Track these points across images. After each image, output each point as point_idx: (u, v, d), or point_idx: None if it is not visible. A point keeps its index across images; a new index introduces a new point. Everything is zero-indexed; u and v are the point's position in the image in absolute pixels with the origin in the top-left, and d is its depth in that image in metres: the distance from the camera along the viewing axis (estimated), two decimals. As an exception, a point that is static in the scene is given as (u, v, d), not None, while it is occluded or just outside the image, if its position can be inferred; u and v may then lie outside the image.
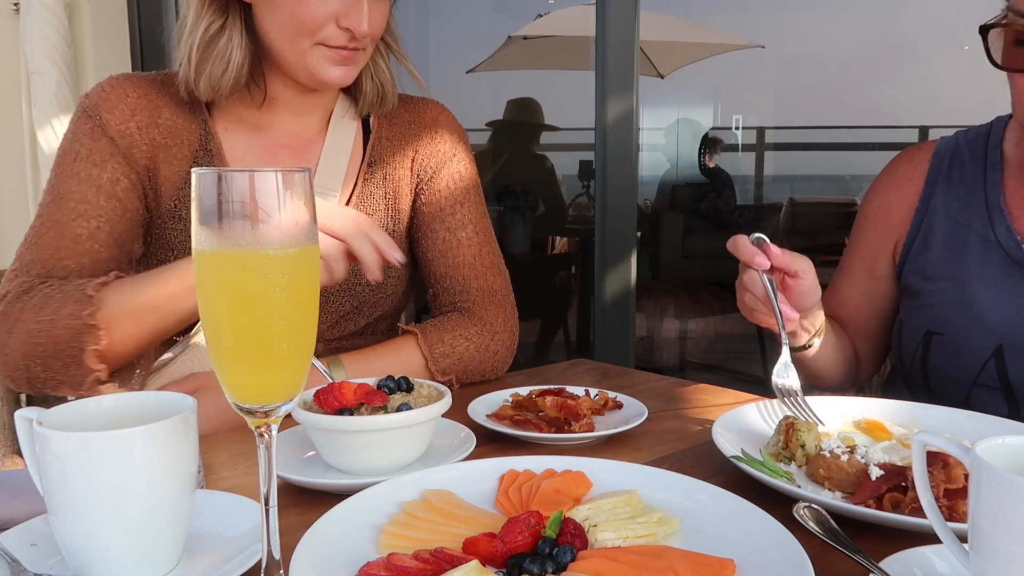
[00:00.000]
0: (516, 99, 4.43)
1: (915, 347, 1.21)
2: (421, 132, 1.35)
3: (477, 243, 1.33)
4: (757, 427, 0.96)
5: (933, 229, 1.22)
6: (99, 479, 0.60)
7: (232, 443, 0.98)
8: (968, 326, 1.15)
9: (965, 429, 0.91)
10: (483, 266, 1.32)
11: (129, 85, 1.20)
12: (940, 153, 1.25)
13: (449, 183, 1.34)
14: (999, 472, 0.52)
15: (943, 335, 1.17)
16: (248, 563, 0.63)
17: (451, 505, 0.72)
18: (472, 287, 1.31)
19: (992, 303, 1.14)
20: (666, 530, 0.68)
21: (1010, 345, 1.11)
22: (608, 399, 1.07)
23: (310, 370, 0.62)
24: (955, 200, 1.21)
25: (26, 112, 2.82)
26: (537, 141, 4.44)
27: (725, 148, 5.35)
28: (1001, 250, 1.15)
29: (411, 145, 1.34)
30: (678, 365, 4.35)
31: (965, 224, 1.19)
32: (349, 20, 1.12)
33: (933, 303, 1.19)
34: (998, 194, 1.17)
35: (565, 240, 4.71)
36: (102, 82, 1.21)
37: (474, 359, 1.24)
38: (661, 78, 5.61)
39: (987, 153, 1.21)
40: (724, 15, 6.29)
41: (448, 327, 1.24)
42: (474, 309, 1.29)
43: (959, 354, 1.15)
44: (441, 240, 1.32)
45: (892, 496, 0.74)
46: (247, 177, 0.54)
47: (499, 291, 1.33)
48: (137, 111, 1.19)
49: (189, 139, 1.22)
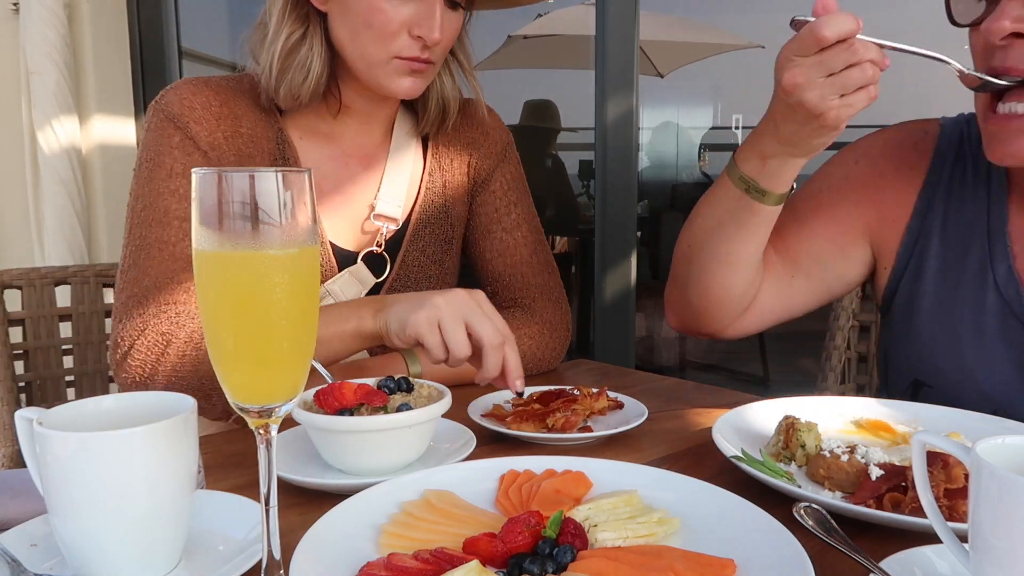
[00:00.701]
0: (533, 101, 4.43)
1: (904, 392, 1.12)
2: (475, 135, 1.38)
3: (532, 241, 1.38)
4: (757, 427, 0.96)
5: (927, 256, 1.09)
6: (99, 479, 0.60)
7: (232, 443, 0.98)
8: (960, 384, 1.04)
9: (965, 429, 0.91)
10: (540, 263, 1.37)
11: (210, 92, 1.18)
12: (943, 151, 1.12)
13: (503, 183, 1.38)
14: (999, 472, 0.52)
15: (933, 389, 1.07)
16: (248, 563, 0.63)
17: (451, 505, 0.72)
18: (532, 284, 1.35)
19: (987, 362, 1.02)
20: (666, 530, 0.68)
21: (1008, 411, 0.99)
22: (606, 397, 1.06)
23: (310, 371, 0.62)
24: (953, 223, 1.08)
25: (26, 112, 2.82)
26: (554, 143, 4.46)
27: (725, 148, 5.35)
28: (999, 297, 1.02)
29: (467, 150, 1.36)
30: (678, 365, 4.35)
31: (961, 254, 1.06)
32: (421, 28, 1.12)
33: (923, 353, 1.08)
34: (1002, 220, 1.04)
35: (565, 240, 4.71)
36: (179, 88, 1.18)
37: (535, 356, 1.30)
38: (661, 77, 5.61)
39: (991, 166, 1.06)
40: (724, 15, 6.29)
41: (513, 327, 1.23)
42: (535, 307, 1.34)
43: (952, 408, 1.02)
44: (499, 240, 1.36)
45: (892, 496, 0.74)
46: (247, 177, 0.54)
47: (554, 288, 1.38)
48: (222, 120, 1.17)
49: (268, 147, 1.21)
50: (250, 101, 1.21)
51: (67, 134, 2.78)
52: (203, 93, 1.17)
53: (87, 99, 2.92)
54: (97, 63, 2.94)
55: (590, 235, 2.55)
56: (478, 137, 1.37)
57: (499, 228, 1.36)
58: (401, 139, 1.33)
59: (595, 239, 2.36)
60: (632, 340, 2.37)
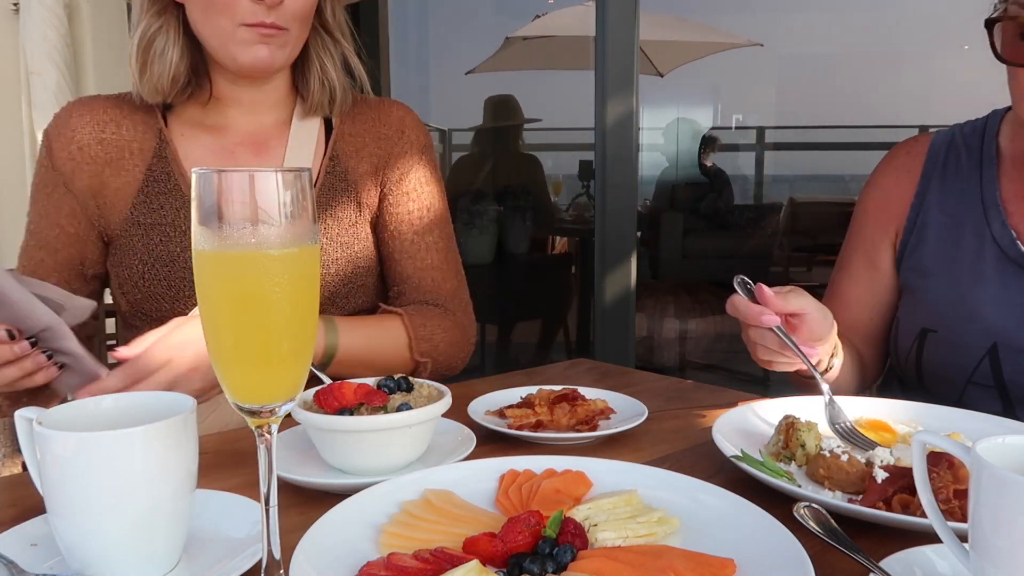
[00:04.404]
0: (493, 97, 4.39)
1: (910, 345, 1.20)
2: (387, 133, 1.36)
3: (444, 247, 1.37)
4: (757, 427, 0.96)
5: (928, 224, 1.21)
6: (99, 479, 0.60)
7: (232, 443, 0.98)
8: (962, 323, 1.13)
9: (965, 428, 0.91)
10: (450, 269, 1.37)
11: (81, 108, 1.26)
12: (936, 147, 1.24)
13: (416, 185, 1.36)
14: (999, 472, 0.52)
15: (937, 332, 1.16)
16: (248, 563, 0.63)
17: (451, 505, 0.72)
18: (444, 288, 1.35)
19: (986, 301, 1.12)
20: (666, 530, 0.68)
21: (1004, 344, 1.10)
22: (606, 408, 1.05)
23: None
24: (950, 195, 1.20)
25: (26, 112, 2.82)
26: (518, 140, 4.40)
27: (724, 148, 5.35)
28: (996, 246, 1.13)
29: (376, 144, 1.35)
30: (678, 365, 4.35)
31: (960, 220, 1.17)
32: None
33: (927, 300, 1.18)
34: (994, 190, 1.16)
35: (565, 240, 4.72)
36: (62, 110, 1.27)
37: (447, 351, 1.29)
38: (661, 77, 5.61)
39: (983, 148, 1.19)
40: (723, 14, 6.29)
41: (428, 316, 1.29)
42: (448, 307, 1.34)
43: (954, 352, 1.14)
44: (409, 243, 1.34)
45: (901, 498, 0.73)
46: (247, 177, 0.54)
47: (464, 295, 1.38)
48: (77, 132, 1.24)
49: (142, 147, 1.25)
50: (134, 107, 1.27)
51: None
52: (74, 111, 1.26)
53: (87, 99, 2.92)
54: (97, 63, 2.94)
55: (590, 235, 2.55)
56: (391, 135, 1.36)
57: (410, 230, 1.34)
58: (302, 127, 1.32)
59: (595, 239, 2.36)
60: (632, 340, 2.37)
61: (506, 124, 4.33)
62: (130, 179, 1.24)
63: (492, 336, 4.35)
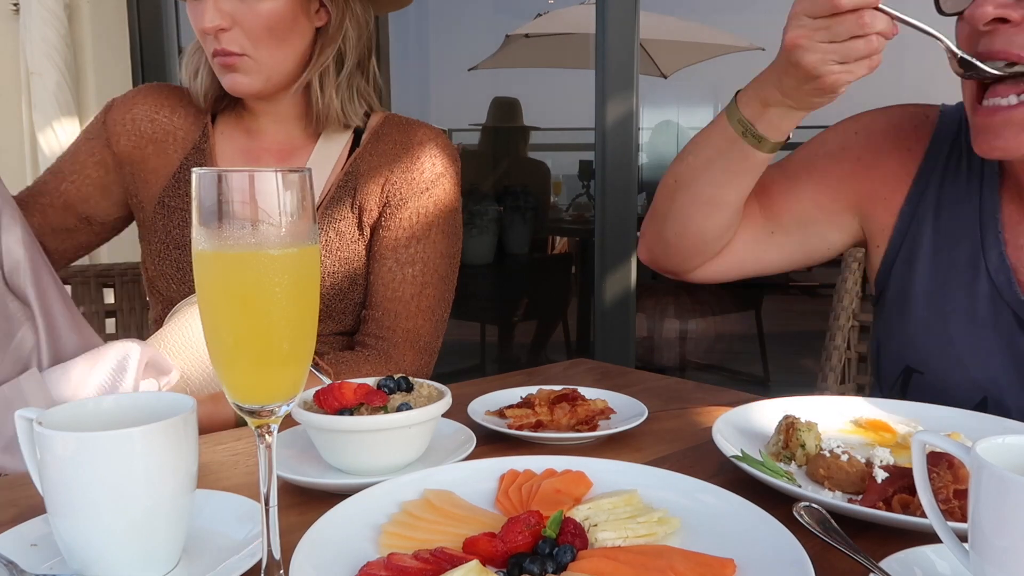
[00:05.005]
0: (499, 98, 4.41)
1: (895, 380, 1.12)
2: (402, 154, 1.35)
3: (420, 283, 1.32)
4: (757, 427, 0.96)
5: (920, 243, 1.09)
6: (99, 479, 0.60)
7: (232, 443, 0.98)
8: (950, 371, 1.04)
9: (965, 429, 0.91)
10: (418, 308, 1.32)
11: (148, 90, 1.39)
12: (941, 135, 1.11)
13: (414, 215, 1.33)
14: (999, 472, 0.52)
15: (924, 375, 1.07)
16: (248, 563, 0.63)
17: (451, 505, 0.72)
18: (399, 327, 1.31)
19: (976, 349, 1.02)
20: (666, 530, 0.68)
21: (994, 400, 1.00)
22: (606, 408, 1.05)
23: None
24: (945, 208, 1.08)
25: (26, 113, 2.82)
26: (520, 143, 4.41)
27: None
28: (990, 282, 1.02)
29: (388, 165, 1.34)
30: (678, 365, 4.34)
31: (955, 239, 1.06)
32: (197, 20, 1.22)
33: (913, 335, 1.08)
34: (995, 210, 1.05)
35: (565, 240, 4.71)
36: (138, 89, 1.40)
37: None
38: (664, 78, 5.61)
39: (985, 159, 1.06)
40: (724, 17, 6.29)
41: (351, 364, 1.26)
42: (391, 353, 1.30)
43: (943, 398, 1.03)
44: (387, 270, 1.31)
45: (901, 498, 0.73)
46: (247, 177, 0.54)
47: (424, 336, 1.33)
48: (136, 107, 1.37)
49: (187, 136, 1.36)
50: (192, 100, 1.38)
51: (68, 135, 2.78)
52: (143, 90, 1.39)
53: (87, 99, 2.92)
54: (97, 63, 2.94)
55: (590, 235, 2.55)
56: (404, 156, 1.34)
57: (392, 257, 1.31)
58: (330, 139, 1.36)
59: (595, 239, 2.36)
60: (632, 340, 2.37)
61: (506, 125, 4.33)
62: (168, 162, 1.35)
63: (492, 336, 4.35)
